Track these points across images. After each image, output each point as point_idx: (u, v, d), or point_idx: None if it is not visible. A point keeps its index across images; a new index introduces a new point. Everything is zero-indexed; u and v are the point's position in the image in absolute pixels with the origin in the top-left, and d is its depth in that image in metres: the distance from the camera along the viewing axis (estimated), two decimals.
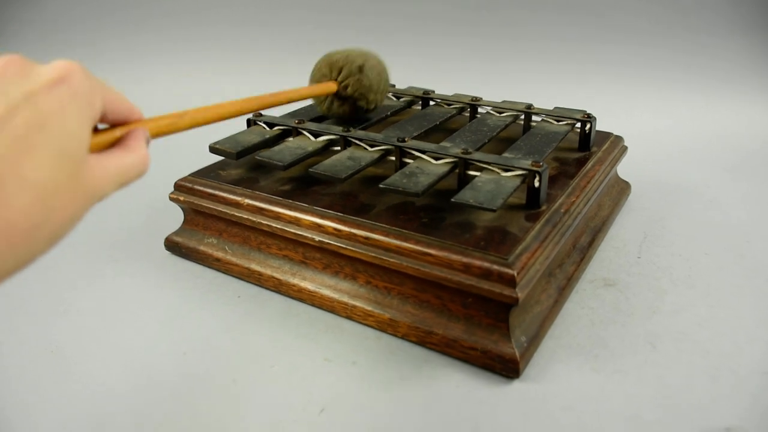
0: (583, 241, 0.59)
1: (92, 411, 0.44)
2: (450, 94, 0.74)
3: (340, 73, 0.61)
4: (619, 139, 0.70)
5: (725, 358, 0.48)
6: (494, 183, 0.50)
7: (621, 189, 0.72)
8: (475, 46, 1.20)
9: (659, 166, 0.84)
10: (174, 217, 0.66)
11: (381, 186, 0.51)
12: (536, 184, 0.51)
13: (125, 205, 0.73)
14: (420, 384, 0.46)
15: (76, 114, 0.27)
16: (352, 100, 0.62)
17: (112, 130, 0.32)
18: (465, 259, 0.46)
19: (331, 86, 0.61)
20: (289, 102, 0.53)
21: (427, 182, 0.51)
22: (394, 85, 0.79)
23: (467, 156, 0.53)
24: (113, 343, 0.51)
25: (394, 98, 0.75)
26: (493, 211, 0.47)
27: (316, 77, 0.63)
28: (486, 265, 0.45)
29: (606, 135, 0.69)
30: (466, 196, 0.48)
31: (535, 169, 0.51)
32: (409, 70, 1.16)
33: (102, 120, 0.31)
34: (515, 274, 0.44)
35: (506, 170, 0.52)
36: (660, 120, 1.02)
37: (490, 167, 0.53)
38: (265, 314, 0.54)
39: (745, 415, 0.42)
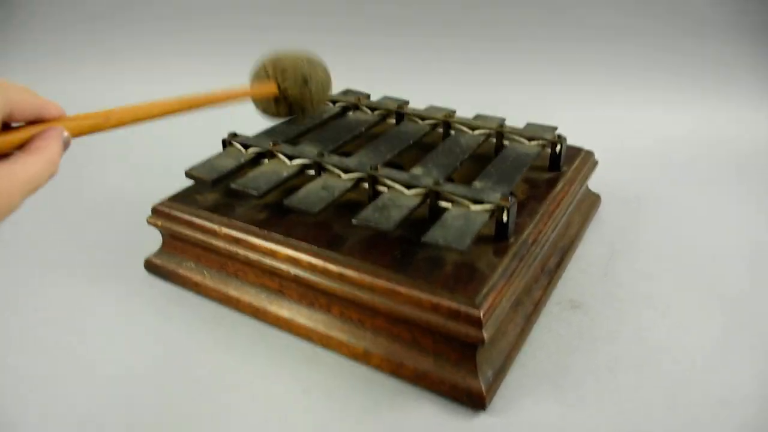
0: (551, 264, 0.61)
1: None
2: (424, 103, 0.74)
3: (284, 78, 0.55)
4: (589, 154, 0.71)
5: (682, 386, 0.50)
6: (464, 218, 0.52)
7: (591, 202, 0.74)
8: (450, 51, 1.19)
9: (629, 176, 0.85)
10: (154, 237, 0.66)
11: (354, 221, 0.52)
12: (504, 219, 0.53)
13: (104, 224, 0.74)
14: (391, 416, 0.48)
15: None
16: (289, 104, 0.56)
17: (22, 129, 0.31)
18: (434, 299, 0.47)
19: (271, 88, 0.55)
20: (226, 101, 0.49)
21: (398, 216, 0.52)
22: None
23: (438, 188, 0.55)
24: (90, 362, 0.53)
25: (369, 111, 0.75)
26: (462, 251, 0.48)
27: (260, 75, 0.56)
28: (454, 305, 0.47)
29: (576, 151, 0.71)
30: (435, 235, 0.50)
31: (503, 204, 0.52)
32: (383, 72, 1.16)
33: (10, 120, 0.30)
34: (481, 316, 0.46)
35: (476, 202, 0.53)
36: (631, 128, 1.02)
37: (460, 200, 0.54)
38: (243, 340, 0.56)
39: None
